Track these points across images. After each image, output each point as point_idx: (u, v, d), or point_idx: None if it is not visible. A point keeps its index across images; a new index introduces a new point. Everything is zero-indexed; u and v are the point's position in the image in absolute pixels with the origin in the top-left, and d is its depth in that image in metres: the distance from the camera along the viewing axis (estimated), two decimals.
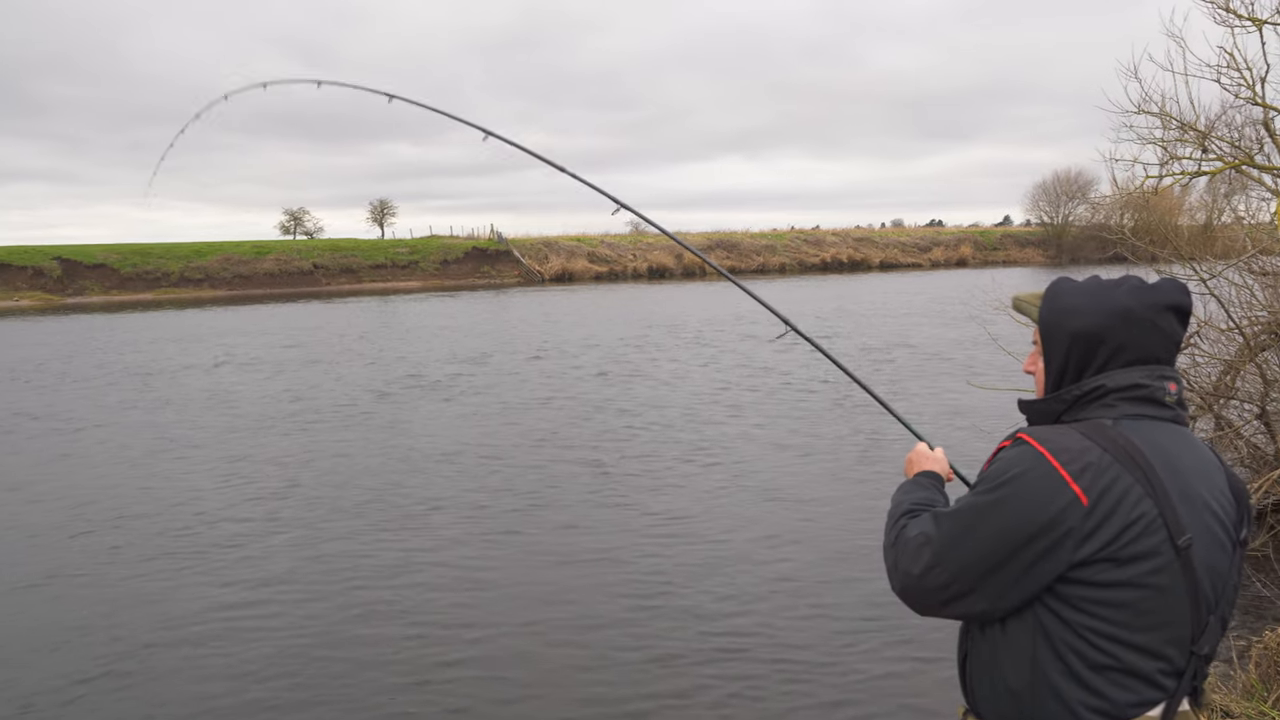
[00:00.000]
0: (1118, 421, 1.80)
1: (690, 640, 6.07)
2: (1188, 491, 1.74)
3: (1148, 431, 1.79)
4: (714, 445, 11.40)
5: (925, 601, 1.88)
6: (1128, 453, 1.73)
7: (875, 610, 6.39)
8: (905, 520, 1.99)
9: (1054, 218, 73.65)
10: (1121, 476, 1.70)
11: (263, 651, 6.05)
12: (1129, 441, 1.75)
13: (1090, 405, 1.85)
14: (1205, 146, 6.93)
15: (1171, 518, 1.70)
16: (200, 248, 56.60)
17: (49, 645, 6.22)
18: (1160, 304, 1.82)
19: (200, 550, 7.98)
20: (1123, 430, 1.77)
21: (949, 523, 1.84)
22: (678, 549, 7.74)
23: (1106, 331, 1.82)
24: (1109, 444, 1.74)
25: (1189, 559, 1.71)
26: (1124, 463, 1.71)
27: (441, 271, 59.59)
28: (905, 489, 2.19)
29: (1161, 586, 1.70)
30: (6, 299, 47.07)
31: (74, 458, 11.72)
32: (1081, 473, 1.70)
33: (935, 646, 5.79)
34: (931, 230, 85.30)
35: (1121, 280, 1.87)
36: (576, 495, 9.38)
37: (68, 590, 7.21)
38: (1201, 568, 1.73)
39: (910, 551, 1.88)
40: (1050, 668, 1.75)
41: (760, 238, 71.03)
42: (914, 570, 1.86)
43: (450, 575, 7.31)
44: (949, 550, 1.81)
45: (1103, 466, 1.71)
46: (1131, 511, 1.69)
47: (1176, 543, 1.69)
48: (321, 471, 10.63)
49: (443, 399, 15.31)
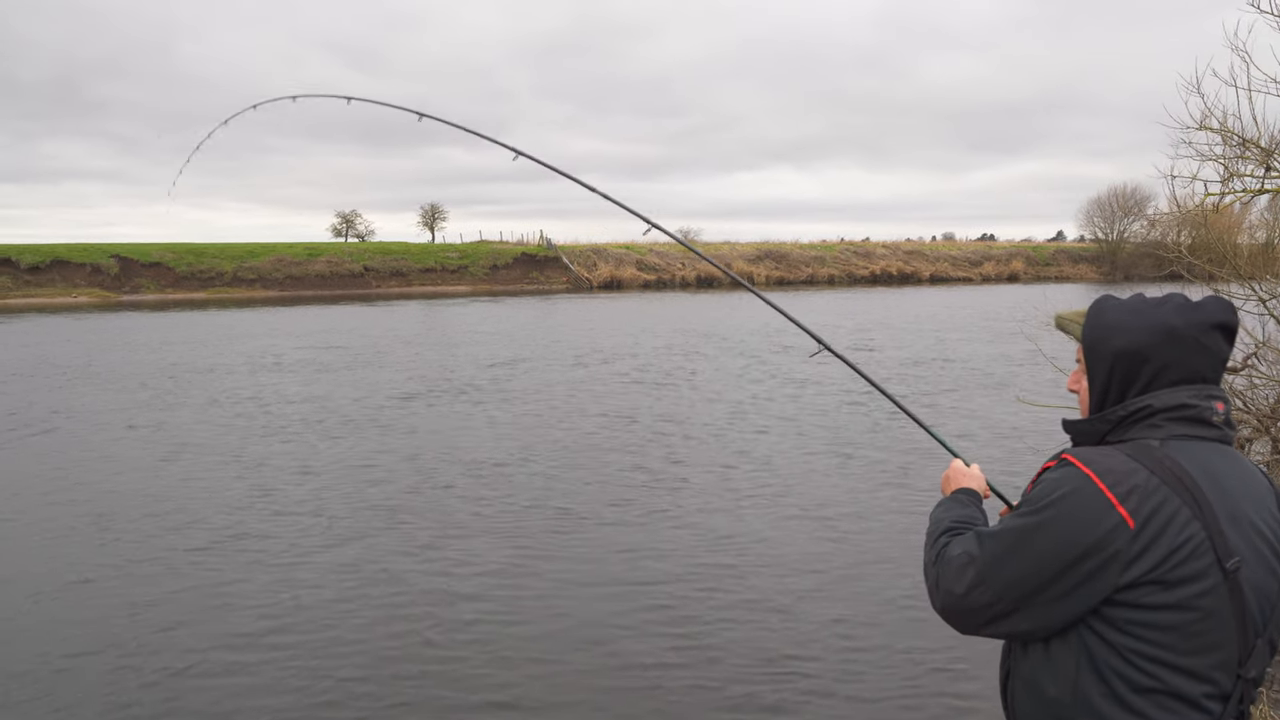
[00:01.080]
0: (1165, 442, 1.76)
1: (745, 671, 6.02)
2: (1236, 513, 1.70)
3: (1195, 452, 1.75)
4: (754, 458, 11.32)
5: (968, 621, 1.86)
6: (1175, 475, 1.69)
7: (918, 629, 6.29)
8: (947, 539, 1.97)
9: (1109, 234, 72.58)
10: (1169, 499, 1.67)
11: (303, 663, 6.09)
12: (1176, 463, 1.71)
13: (1136, 425, 1.82)
14: (1269, 164, 6.75)
15: (1219, 540, 1.66)
16: (253, 248, 57.55)
17: (81, 651, 6.31)
18: (1206, 322, 1.78)
19: (230, 557, 8.07)
20: (1170, 452, 1.74)
21: (993, 542, 1.82)
22: (723, 578, 7.68)
23: (1151, 350, 1.79)
24: (1156, 466, 1.71)
25: (1237, 582, 1.67)
26: (1171, 485, 1.68)
27: (490, 277, 60.03)
28: (945, 506, 2.17)
29: (1209, 609, 1.66)
30: (65, 295, 48.23)
31: (106, 458, 11.92)
32: (1128, 495, 1.67)
33: (980, 661, 5.68)
34: (983, 244, 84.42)
35: (1166, 298, 1.84)
36: (622, 506, 9.36)
37: (89, 595, 7.32)
38: (1250, 590, 1.69)
39: (953, 570, 1.86)
40: (1093, 690, 1.72)
41: (809, 249, 70.73)
42: (957, 589, 1.84)
43: (485, 596, 7.32)
44: (993, 570, 1.79)
45: (1150, 489, 1.67)
46: (1179, 535, 1.65)
47: (1224, 565, 1.66)
48: (354, 475, 10.72)
49: (476, 403, 15.38)
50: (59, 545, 8.18)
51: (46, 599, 6.99)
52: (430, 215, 78.22)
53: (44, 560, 7.80)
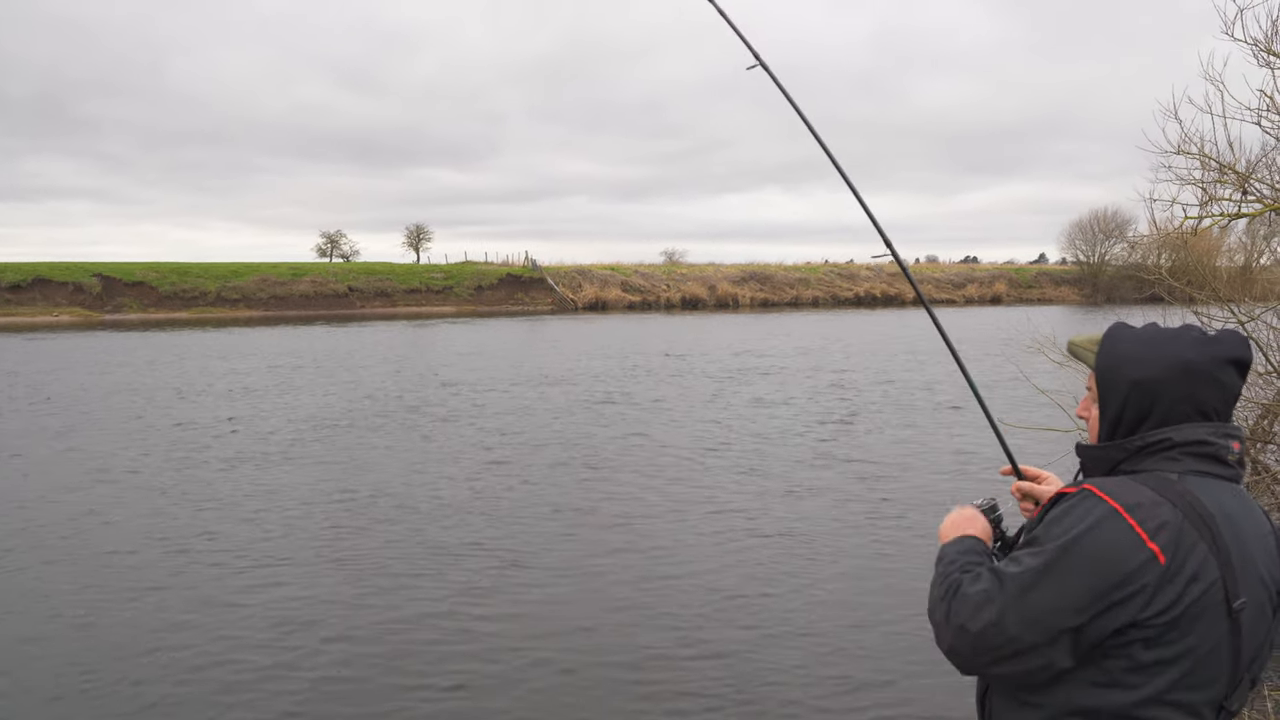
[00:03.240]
0: (1182, 477, 1.75)
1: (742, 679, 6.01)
2: (1246, 555, 1.71)
3: (1212, 491, 1.74)
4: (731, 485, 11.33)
5: (977, 660, 1.79)
6: (1198, 513, 1.68)
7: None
8: (960, 577, 1.88)
9: (1090, 256, 73.16)
10: (1194, 538, 1.66)
11: (286, 687, 6.05)
12: (1197, 500, 1.70)
13: (1153, 457, 1.80)
14: (1245, 189, 6.84)
15: (1230, 582, 1.66)
16: (238, 268, 57.38)
17: (85, 670, 6.26)
18: (1222, 357, 1.78)
19: (204, 582, 8.02)
20: (1189, 487, 1.73)
21: (1014, 582, 1.74)
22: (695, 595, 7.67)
23: (1167, 383, 1.78)
24: (1179, 501, 1.69)
25: (1238, 623, 1.68)
26: (1194, 523, 1.67)
27: (475, 297, 60.03)
28: (957, 545, 2.03)
29: (1211, 649, 1.67)
30: (47, 314, 47.93)
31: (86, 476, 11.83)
32: (1158, 531, 1.65)
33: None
34: (966, 267, 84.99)
35: (1182, 331, 1.83)
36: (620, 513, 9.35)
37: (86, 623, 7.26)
38: (1247, 630, 1.70)
39: (969, 608, 1.79)
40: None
41: (794, 271, 71.07)
42: (972, 627, 1.76)
43: (479, 615, 7.29)
44: (1014, 609, 1.72)
45: (1177, 525, 1.66)
46: (1200, 575, 1.65)
47: (1232, 605, 1.66)
48: (337, 493, 10.67)
49: (458, 424, 15.35)
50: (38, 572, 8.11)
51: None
52: (415, 236, 78.13)
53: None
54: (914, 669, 6.03)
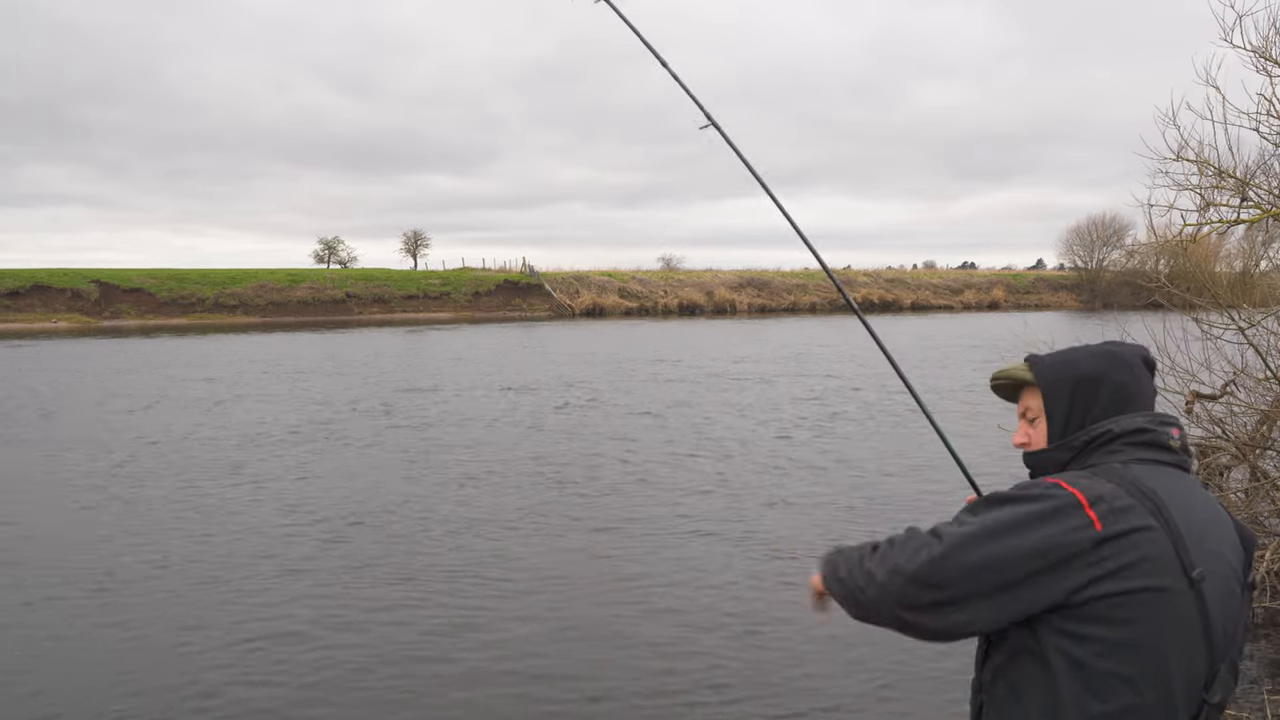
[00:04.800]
0: (1127, 465, 1.81)
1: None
2: (1200, 533, 1.74)
3: (1158, 476, 1.79)
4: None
5: (906, 602, 1.78)
6: (1141, 490, 1.73)
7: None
8: (904, 532, 1.90)
9: (1088, 262, 73.28)
10: (1136, 510, 1.70)
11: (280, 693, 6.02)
12: (1141, 481, 1.75)
13: (1097, 451, 1.87)
14: (1244, 194, 6.84)
15: (1184, 552, 1.69)
16: (235, 274, 57.39)
17: (98, 678, 6.24)
18: (1136, 353, 1.96)
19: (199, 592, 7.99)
20: (1133, 473, 1.78)
21: (954, 532, 1.77)
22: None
23: (1106, 372, 1.91)
24: (1122, 481, 1.75)
25: (1201, 593, 1.69)
26: (1137, 498, 1.72)
27: (473, 303, 60.06)
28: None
29: (1177, 619, 1.67)
30: (44, 320, 47.92)
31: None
32: (1096, 501, 1.70)
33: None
34: (964, 272, 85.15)
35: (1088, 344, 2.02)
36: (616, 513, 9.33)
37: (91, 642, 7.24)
38: (1214, 605, 1.71)
39: (909, 550, 1.80)
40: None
41: (791, 277, 71.12)
42: (908, 567, 1.77)
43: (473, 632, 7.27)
44: (952, 555, 1.73)
45: (1117, 497, 1.71)
46: (1146, 546, 1.67)
47: (1190, 575, 1.68)
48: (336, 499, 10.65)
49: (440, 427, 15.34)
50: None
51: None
52: (413, 242, 78.32)
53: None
54: (914, 682, 6.01)
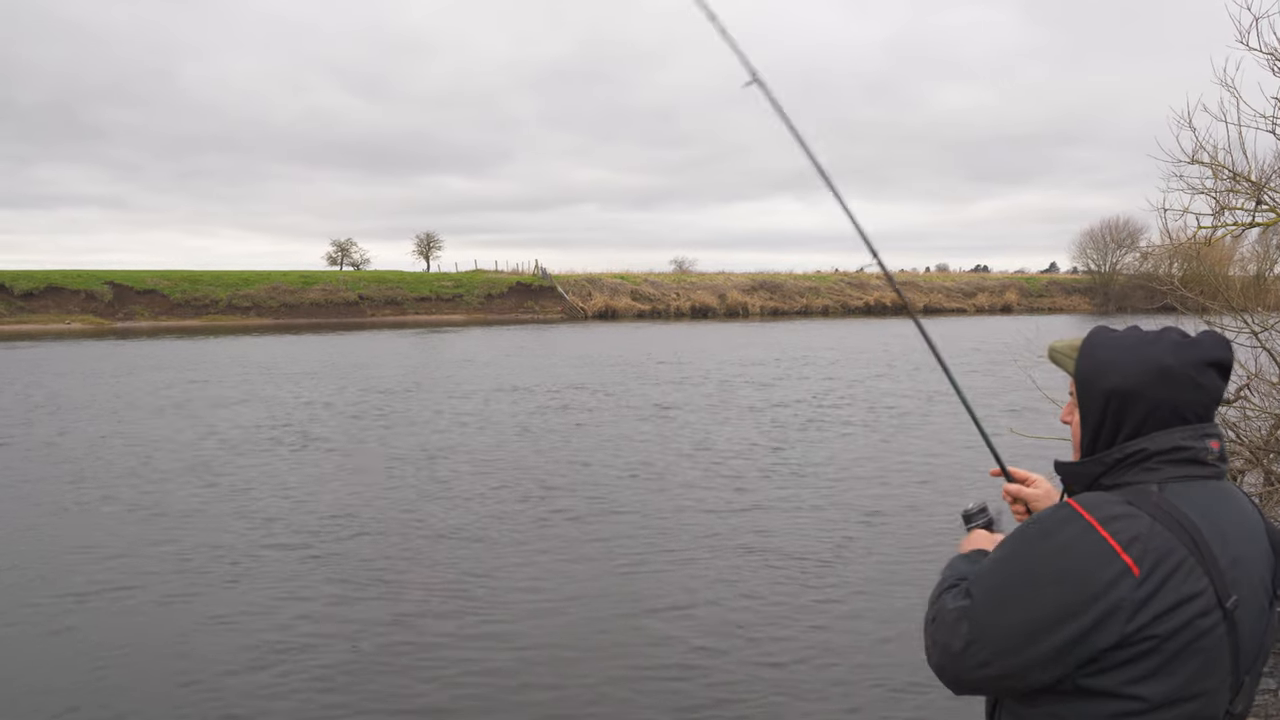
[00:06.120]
0: (1163, 486, 1.72)
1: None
2: (1234, 553, 1.68)
3: (1194, 495, 1.71)
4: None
5: (963, 681, 1.77)
6: (1176, 520, 1.65)
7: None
8: (944, 595, 1.87)
9: (1101, 266, 72.92)
10: (1173, 547, 1.62)
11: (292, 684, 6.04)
12: (1176, 509, 1.67)
13: (1132, 469, 1.77)
14: (1259, 198, 6.80)
15: (1220, 584, 1.63)
16: (249, 276, 57.61)
17: (91, 678, 6.26)
18: (1202, 360, 1.75)
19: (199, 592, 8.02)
20: (1168, 496, 1.70)
21: (981, 589, 1.75)
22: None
23: (1144, 389, 1.75)
24: (1156, 511, 1.66)
25: (1234, 621, 1.65)
26: (1173, 530, 1.64)
27: (485, 306, 60.14)
28: (951, 564, 2.05)
29: (1209, 654, 1.63)
30: (58, 321, 48.19)
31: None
32: (1131, 543, 1.62)
33: None
34: (976, 276, 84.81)
35: (1161, 334, 1.80)
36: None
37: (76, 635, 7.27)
38: (1245, 627, 1.67)
39: (947, 625, 1.78)
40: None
41: (804, 279, 71.01)
42: (954, 645, 1.75)
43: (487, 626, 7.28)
44: (987, 622, 1.71)
45: (1153, 535, 1.63)
46: (1184, 585, 1.61)
47: (1224, 606, 1.63)
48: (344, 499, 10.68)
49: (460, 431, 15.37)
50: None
51: None
52: (425, 244, 78.38)
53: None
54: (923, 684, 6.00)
